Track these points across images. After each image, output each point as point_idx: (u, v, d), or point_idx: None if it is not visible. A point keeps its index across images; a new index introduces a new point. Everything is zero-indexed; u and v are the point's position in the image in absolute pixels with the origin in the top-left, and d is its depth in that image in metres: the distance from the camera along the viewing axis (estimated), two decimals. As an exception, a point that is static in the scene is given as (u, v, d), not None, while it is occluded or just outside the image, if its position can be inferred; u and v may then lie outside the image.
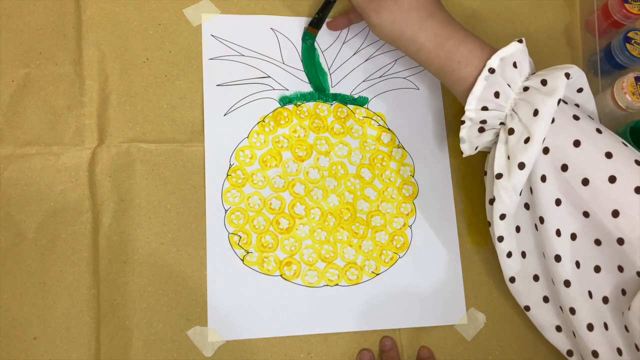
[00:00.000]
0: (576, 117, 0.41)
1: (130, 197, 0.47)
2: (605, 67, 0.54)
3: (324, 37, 0.53)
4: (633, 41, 0.52)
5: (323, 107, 0.51)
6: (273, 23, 0.52)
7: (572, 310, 0.42)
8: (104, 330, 0.44)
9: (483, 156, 0.53)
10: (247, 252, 0.47)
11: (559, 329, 0.46)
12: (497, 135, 0.44)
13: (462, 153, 0.45)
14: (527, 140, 0.40)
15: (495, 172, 0.42)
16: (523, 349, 0.50)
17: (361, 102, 0.52)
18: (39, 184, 0.46)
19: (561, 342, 0.46)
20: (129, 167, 0.47)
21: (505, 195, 0.42)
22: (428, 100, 0.53)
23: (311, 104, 0.51)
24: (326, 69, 0.52)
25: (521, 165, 0.41)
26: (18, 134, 0.46)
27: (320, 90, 0.51)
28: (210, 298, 0.46)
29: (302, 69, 0.52)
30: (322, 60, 0.52)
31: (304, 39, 0.52)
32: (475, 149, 0.45)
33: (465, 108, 0.43)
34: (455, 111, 0.53)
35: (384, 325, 0.48)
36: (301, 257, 0.48)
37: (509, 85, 0.42)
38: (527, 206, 0.44)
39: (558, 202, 0.41)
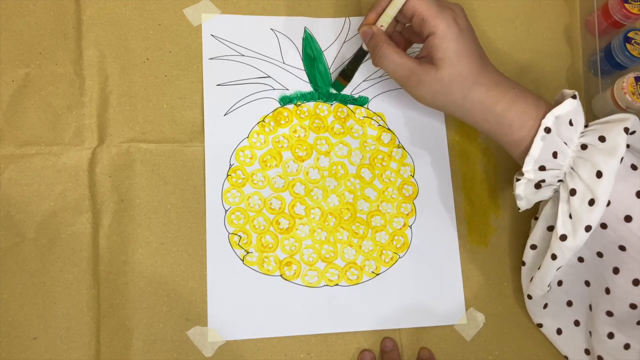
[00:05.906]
0: (634, 167, 0.40)
1: (130, 197, 0.47)
2: (605, 67, 0.54)
3: (324, 37, 0.53)
4: (633, 41, 0.52)
5: (323, 107, 0.51)
6: (273, 23, 0.52)
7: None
8: (104, 330, 0.44)
9: (483, 155, 0.53)
10: (247, 252, 0.47)
11: (587, 352, 0.48)
12: (555, 191, 0.43)
13: (518, 209, 0.45)
14: (591, 202, 0.39)
15: (560, 233, 0.41)
16: (522, 349, 0.50)
17: (361, 102, 0.52)
18: (39, 184, 0.46)
19: None
20: (129, 167, 0.47)
21: (569, 255, 0.41)
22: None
23: (311, 104, 0.51)
24: (326, 69, 0.52)
25: (588, 228, 0.40)
26: (18, 134, 0.46)
27: (320, 90, 0.51)
28: (210, 298, 0.46)
29: (302, 68, 0.52)
30: (322, 60, 0.52)
31: (333, 86, 0.51)
32: (533, 204, 0.45)
33: (523, 169, 0.42)
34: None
35: (384, 325, 0.48)
36: (301, 257, 0.48)
37: (565, 144, 0.41)
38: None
39: (622, 248, 0.41)
